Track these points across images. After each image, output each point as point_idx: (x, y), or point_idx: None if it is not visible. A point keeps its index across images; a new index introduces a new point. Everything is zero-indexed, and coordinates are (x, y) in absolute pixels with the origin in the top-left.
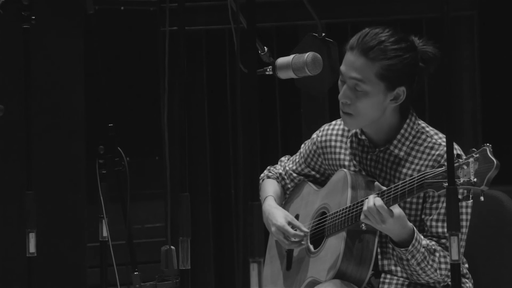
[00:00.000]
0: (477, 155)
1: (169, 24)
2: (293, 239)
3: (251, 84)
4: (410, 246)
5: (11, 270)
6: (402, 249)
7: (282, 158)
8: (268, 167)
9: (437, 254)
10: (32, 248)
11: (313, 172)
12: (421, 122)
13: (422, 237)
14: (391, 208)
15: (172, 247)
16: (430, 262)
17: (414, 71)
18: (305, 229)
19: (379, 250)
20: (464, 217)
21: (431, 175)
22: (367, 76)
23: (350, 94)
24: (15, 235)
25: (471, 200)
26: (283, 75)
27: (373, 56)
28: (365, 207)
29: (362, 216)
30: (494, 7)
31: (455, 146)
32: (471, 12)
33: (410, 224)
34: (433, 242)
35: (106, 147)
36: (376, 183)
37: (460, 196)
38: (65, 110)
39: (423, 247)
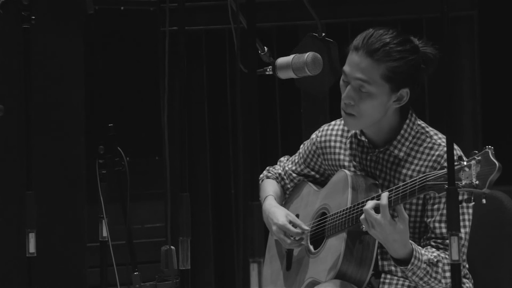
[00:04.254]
0: (479, 158)
1: (169, 24)
2: (294, 238)
3: (251, 84)
4: (410, 265)
5: (11, 270)
6: (402, 267)
7: (281, 159)
8: (267, 168)
9: (440, 265)
10: (32, 248)
11: (312, 173)
12: (420, 122)
13: (423, 252)
14: (397, 220)
15: (172, 247)
16: (433, 275)
17: (417, 73)
18: (307, 227)
19: (379, 250)
20: (466, 217)
21: (432, 177)
22: (372, 77)
23: (354, 95)
24: (15, 235)
25: (473, 203)
26: (283, 75)
27: (378, 58)
28: (366, 206)
29: (361, 217)
30: (494, 7)
31: (454, 146)
32: (471, 12)
33: (410, 245)
34: (436, 253)
35: (106, 147)
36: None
37: (461, 198)
38: (65, 110)
39: (424, 262)
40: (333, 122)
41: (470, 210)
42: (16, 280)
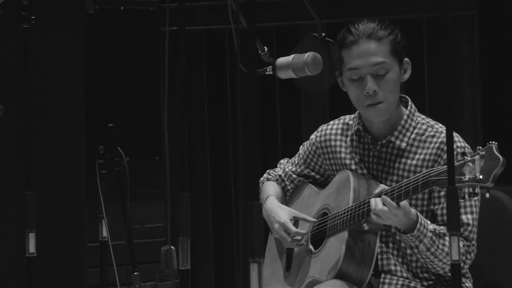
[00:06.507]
0: (483, 153)
1: (169, 24)
2: (295, 237)
3: (251, 84)
4: (416, 231)
5: (11, 270)
6: (408, 235)
7: (281, 161)
8: (268, 171)
9: (447, 238)
10: (32, 248)
11: (312, 173)
12: (420, 114)
13: (428, 222)
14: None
15: (172, 247)
16: (440, 246)
17: (404, 41)
18: (312, 219)
19: (379, 250)
20: (473, 203)
21: (435, 173)
22: (385, 55)
23: (376, 82)
24: (15, 235)
25: (478, 197)
26: (283, 75)
27: (379, 37)
28: (374, 206)
29: (374, 217)
30: (494, 7)
31: (455, 134)
32: (471, 12)
33: (413, 211)
34: (442, 227)
35: (106, 147)
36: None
37: (466, 194)
38: (65, 110)
39: (430, 231)
40: (331, 122)
41: (477, 208)
42: (16, 280)
